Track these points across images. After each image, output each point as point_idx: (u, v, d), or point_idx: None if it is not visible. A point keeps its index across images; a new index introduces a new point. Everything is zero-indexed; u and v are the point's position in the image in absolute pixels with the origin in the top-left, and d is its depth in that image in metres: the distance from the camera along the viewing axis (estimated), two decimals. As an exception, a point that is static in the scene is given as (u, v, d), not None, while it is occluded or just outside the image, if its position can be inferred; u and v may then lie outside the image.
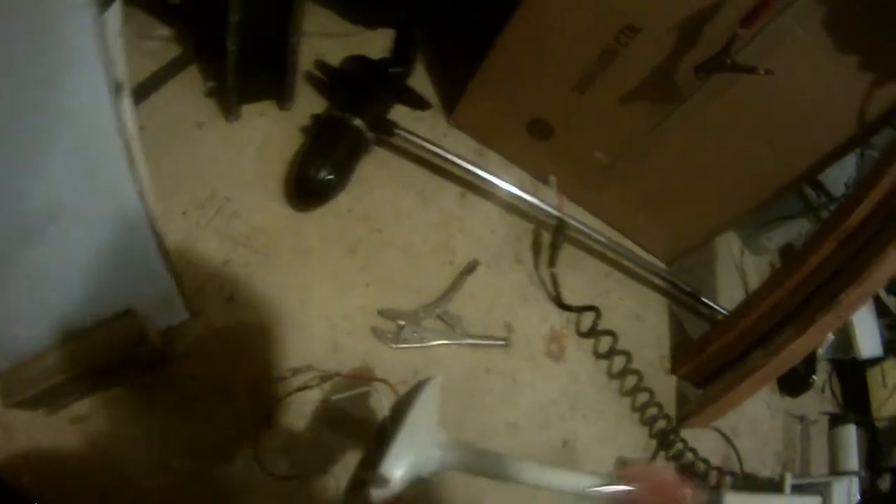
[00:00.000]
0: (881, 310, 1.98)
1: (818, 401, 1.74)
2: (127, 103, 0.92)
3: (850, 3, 0.97)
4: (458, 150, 1.29)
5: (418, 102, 1.36)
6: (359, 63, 1.30)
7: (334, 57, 1.32)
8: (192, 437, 0.87)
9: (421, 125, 1.34)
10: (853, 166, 1.69)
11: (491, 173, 1.27)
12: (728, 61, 1.02)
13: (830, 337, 1.67)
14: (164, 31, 1.23)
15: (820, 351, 1.69)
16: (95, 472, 0.81)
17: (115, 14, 0.98)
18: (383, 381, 0.93)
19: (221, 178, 1.10)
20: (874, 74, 1.04)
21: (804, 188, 1.73)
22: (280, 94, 1.21)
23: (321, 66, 1.28)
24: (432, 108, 1.39)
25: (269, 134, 1.19)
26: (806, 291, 1.22)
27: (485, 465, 0.71)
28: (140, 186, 0.74)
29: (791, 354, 1.22)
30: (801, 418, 1.64)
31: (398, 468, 0.63)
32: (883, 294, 2.00)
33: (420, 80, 1.43)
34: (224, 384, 0.92)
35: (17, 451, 0.78)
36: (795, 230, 1.76)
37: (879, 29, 0.99)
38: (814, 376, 1.64)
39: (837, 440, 1.48)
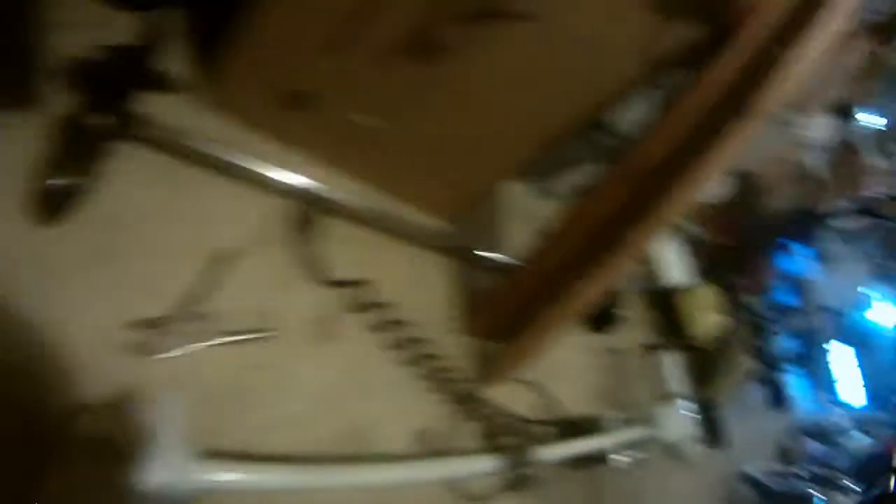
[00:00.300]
0: (686, 237, 2.09)
1: (633, 333, 1.80)
2: None
3: None
4: (215, 134, 1.19)
5: (166, 87, 1.23)
6: (106, 52, 1.17)
7: (87, 47, 1.18)
8: None
9: (173, 111, 1.21)
10: (640, 107, 1.72)
11: (248, 155, 1.19)
12: (456, 10, 0.99)
13: (633, 270, 1.74)
14: None
15: (626, 285, 1.75)
16: None
17: None
18: (145, 397, 0.86)
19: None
20: (653, 15, 1.04)
21: (591, 131, 1.74)
22: (20, 97, 1.07)
23: (66, 61, 1.14)
24: (183, 92, 1.26)
25: (10, 144, 1.04)
26: (593, 234, 1.25)
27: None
28: None
29: (584, 298, 1.25)
30: (618, 352, 1.69)
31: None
32: (686, 223, 2.11)
33: (170, 63, 1.28)
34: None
35: None
36: (585, 173, 1.77)
37: None
38: (621, 311, 1.70)
39: (656, 368, 1.54)
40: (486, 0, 0.99)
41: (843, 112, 2.27)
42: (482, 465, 1.15)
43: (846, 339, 2.96)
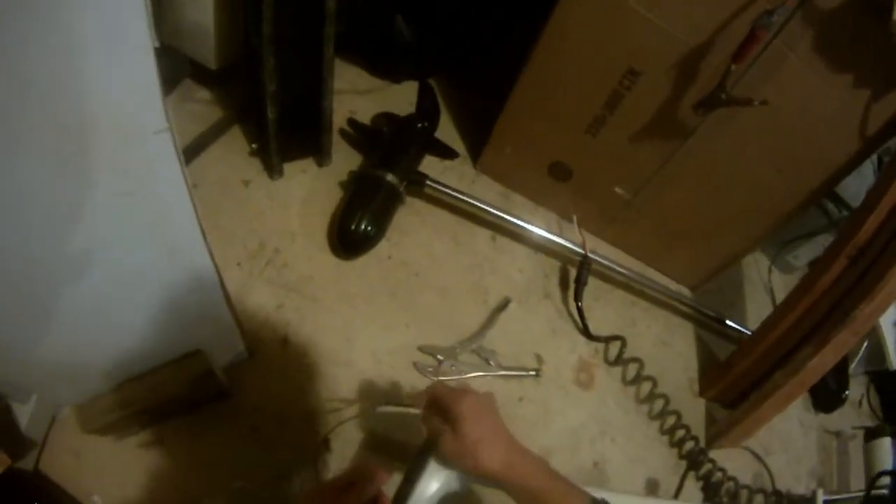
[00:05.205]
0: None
1: (855, 415, 1.75)
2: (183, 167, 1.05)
3: (835, 23, 1.00)
4: (486, 196, 1.40)
5: (446, 153, 1.46)
6: (388, 120, 1.41)
7: (364, 111, 1.44)
8: (252, 462, 0.98)
9: (450, 174, 1.45)
10: (871, 176, 1.70)
11: (517, 216, 1.37)
12: (723, 96, 1.07)
13: (861, 350, 1.70)
14: (205, 93, 1.36)
15: (853, 365, 1.71)
16: (161, 493, 0.91)
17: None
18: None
19: (270, 232, 1.22)
20: (869, 88, 1.08)
21: (826, 203, 1.74)
22: (318, 152, 1.33)
23: (353, 124, 1.39)
24: (459, 157, 1.49)
25: (311, 189, 1.31)
26: (821, 309, 1.26)
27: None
28: (208, 245, 0.85)
29: (811, 373, 1.26)
30: (837, 434, 1.66)
31: (434, 483, 0.72)
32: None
33: (446, 131, 1.53)
34: (282, 415, 1.03)
35: (87, 472, 0.90)
36: (821, 246, 1.76)
37: (867, 43, 1.02)
38: (846, 391, 1.67)
39: (873, 453, 1.49)
40: (723, 89, 1.06)
41: None
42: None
43: None
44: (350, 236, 1.21)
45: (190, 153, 1.24)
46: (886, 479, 1.28)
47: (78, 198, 0.69)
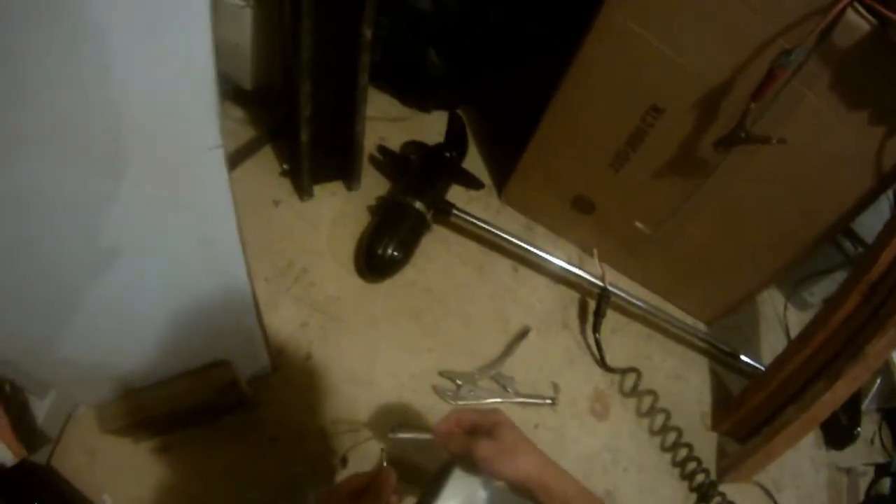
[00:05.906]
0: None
1: (867, 452, 1.76)
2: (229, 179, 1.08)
3: (852, 62, 1.02)
4: (509, 226, 1.44)
5: (472, 183, 1.50)
6: (417, 148, 1.46)
7: (394, 139, 1.49)
8: (268, 474, 1.01)
9: (476, 203, 1.49)
10: (888, 213, 1.70)
11: (539, 247, 1.41)
12: (742, 135, 1.09)
13: (875, 387, 1.71)
14: (237, 112, 1.41)
15: (865, 402, 1.73)
16: (173, 498, 0.94)
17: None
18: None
19: (298, 251, 1.27)
20: (884, 125, 1.10)
21: (842, 240, 1.77)
22: (348, 176, 1.38)
23: (383, 150, 1.44)
24: (485, 188, 1.53)
25: (340, 212, 1.36)
26: (834, 345, 1.28)
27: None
28: (246, 258, 0.88)
29: (823, 408, 1.27)
30: (848, 471, 1.67)
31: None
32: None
33: (473, 161, 1.58)
34: (300, 430, 1.06)
35: (100, 472, 0.92)
36: (836, 283, 1.76)
37: (883, 81, 1.04)
38: (858, 428, 1.68)
39: (881, 491, 1.50)
40: (743, 128, 1.09)
41: None
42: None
43: None
44: (377, 260, 1.25)
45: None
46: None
47: (124, 203, 0.70)
